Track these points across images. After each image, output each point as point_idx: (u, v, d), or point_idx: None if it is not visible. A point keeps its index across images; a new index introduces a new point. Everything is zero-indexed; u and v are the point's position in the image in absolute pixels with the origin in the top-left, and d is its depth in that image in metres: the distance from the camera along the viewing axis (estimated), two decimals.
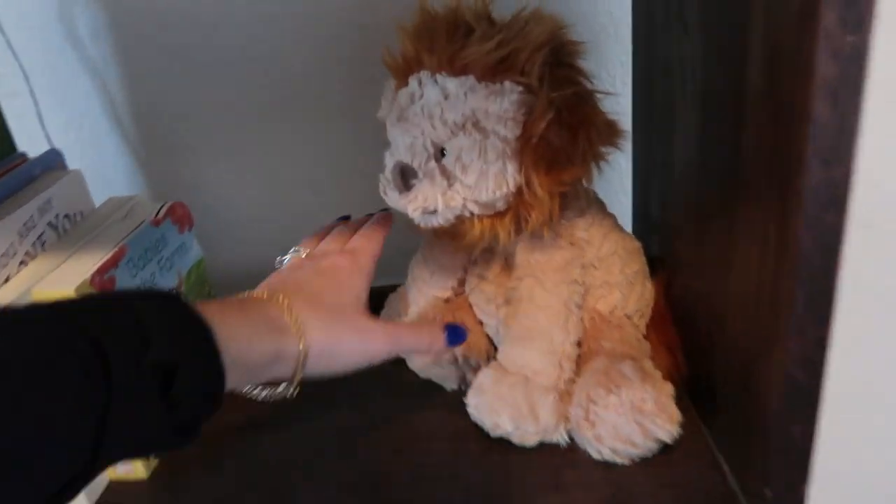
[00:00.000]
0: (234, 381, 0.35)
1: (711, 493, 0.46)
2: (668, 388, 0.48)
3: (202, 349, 0.33)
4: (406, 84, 0.48)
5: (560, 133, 0.44)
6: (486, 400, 0.49)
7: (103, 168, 0.76)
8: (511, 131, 0.45)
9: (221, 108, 0.73)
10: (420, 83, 0.47)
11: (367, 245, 0.48)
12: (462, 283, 0.58)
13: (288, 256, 0.49)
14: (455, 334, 0.49)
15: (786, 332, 0.37)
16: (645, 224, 0.66)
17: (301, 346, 0.39)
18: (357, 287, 0.45)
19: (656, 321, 0.56)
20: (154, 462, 0.54)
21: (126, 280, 0.52)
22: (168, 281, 0.58)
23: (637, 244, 0.56)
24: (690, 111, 0.49)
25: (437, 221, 0.48)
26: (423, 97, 0.47)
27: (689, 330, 0.54)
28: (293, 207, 0.78)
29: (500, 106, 0.44)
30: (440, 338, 0.48)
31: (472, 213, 0.47)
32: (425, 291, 0.59)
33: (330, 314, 0.42)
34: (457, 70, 0.45)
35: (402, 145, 0.47)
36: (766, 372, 0.40)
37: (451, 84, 0.45)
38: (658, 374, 0.49)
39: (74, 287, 0.47)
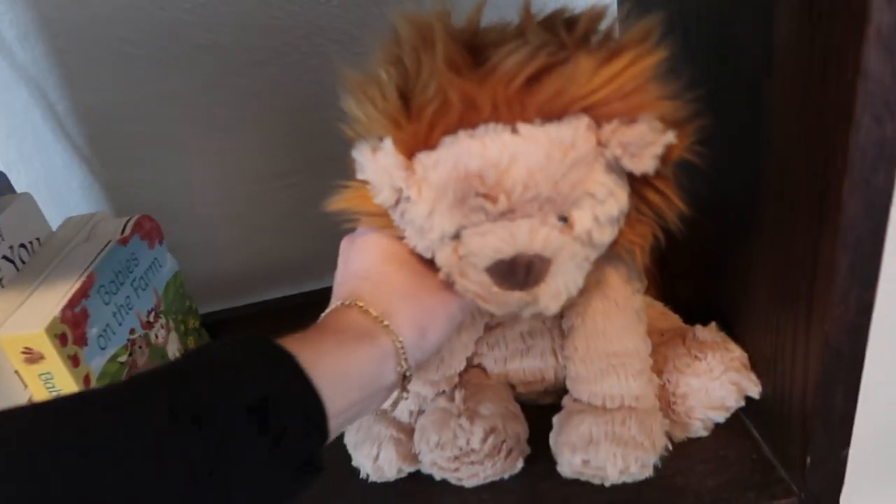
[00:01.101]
0: (342, 400, 0.34)
1: (746, 463, 0.45)
2: (739, 349, 0.47)
3: (289, 375, 0.32)
4: (425, 146, 0.35)
5: None
6: (605, 449, 0.42)
7: (55, 185, 0.70)
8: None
9: (175, 104, 0.67)
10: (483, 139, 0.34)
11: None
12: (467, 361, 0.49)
13: None
14: None
15: (829, 298, 0.35)
16: None
17: (395, 339, 0.37)
18: (403, 253, 0.41)
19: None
20: None
21: (99, 309, 0.48)
22: (145, 302, 0.54)
23: None
24: (695, 67, 0.45)
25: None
26: (509, 163, 0.34)
27: (703, 295, 0.52)
28: (267, 202, 0.73)
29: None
30: None
31: None
32: (426, 393, 0.48)
33: (401, 290, 0.39)
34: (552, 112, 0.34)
35: (510, 234, 0.36)
36: (805, 339, 0.39)
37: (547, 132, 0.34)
38: (727, 336, 0.47)
39: (44, 327, 0.42)
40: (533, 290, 0.36)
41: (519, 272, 0.35)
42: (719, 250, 0.48)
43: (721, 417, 0.46)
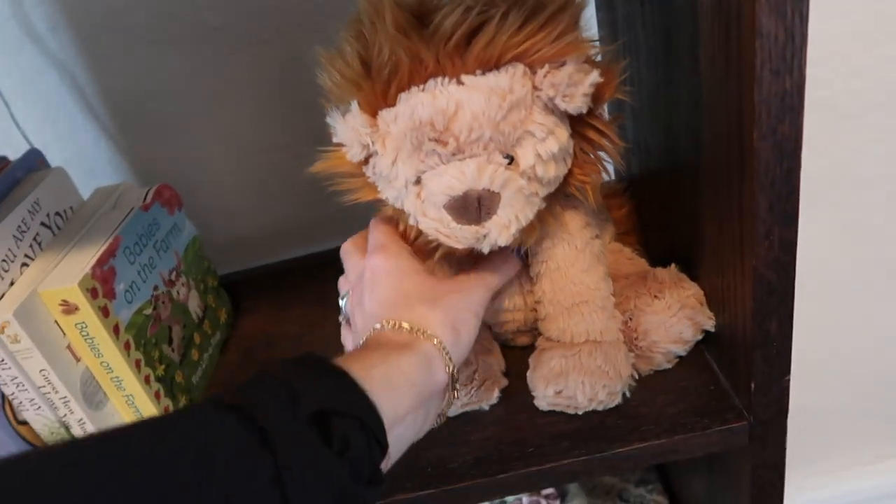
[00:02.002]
0: (398, 407, 0.35)
1: (704, 393, 0.49)
2: (695, 287, 0.50)
3: (344, 387, 0.33)
4: (385, 104, 0.40)
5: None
6: (573, 379, 0.47)
7: (84, 160, 0.76)
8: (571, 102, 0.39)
9: (191, 83, 0.73)
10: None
11: (378, 234, 0.47)
12: None
13: (343, 301, 0.50)
14: (517, 252, 0.49)
15: (754, 236, 0.39)
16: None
17: (435, 342, 0.39)
18: (411, 266, 0.45)
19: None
20: None
21: (125, 267, 0.54)
22: (167, 263, 0.60)
23: None
24: (651, 31, 0.49)
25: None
26: (455, 110, 0.39)
27: (668, 241, 0.56)
28: (277, 170, 0.79)
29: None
30: (514, 261, 0.49)
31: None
32: None
33: (425, 300, 0.42)
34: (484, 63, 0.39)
35: (460, 172, 0.40)
36: (742, 276, 0.43)
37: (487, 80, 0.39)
38: (684, 276, 0.51)
39: (77, 282, 0.49)
40: (486, 223, 0.41)
41: (471, 206, 0.40)
42: (677, 202, 0.52)
43: (681, 350, 0.50)
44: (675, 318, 0.49)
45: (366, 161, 0.43)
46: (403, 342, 0.39)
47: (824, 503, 1.06)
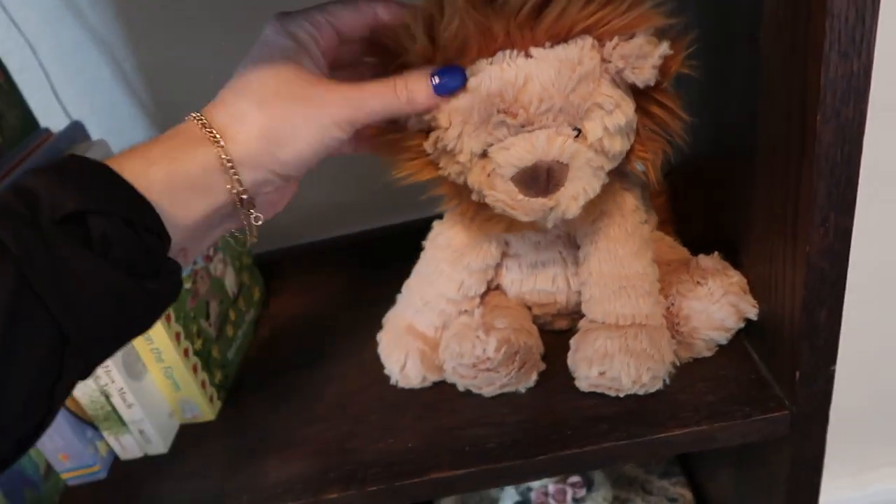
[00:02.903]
0: (182, 210, 0.33)
1: (745, 381, 0.49)
2: (739, 274, 0.50)
3: (105, 185, 0.31)
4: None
5: None
6: (618, 360, 0.47)
7: (122, 135, 0.77)
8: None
9: (228, 59, 0.73)
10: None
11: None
12: (487, 284, 0.53)
13: None
14: (450, 77, 0.39)
15: (810, 223, 0.39)
16: None
17: (223, 155, 0.34)
18: (287, 54, 0.37)
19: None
20: (219, 403, 0.58)
21: None
22: None
23: None
24: (705, 12, 0.49)
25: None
26: (524, 82, 0.38)
27: (710, 230, 0.56)
28: None
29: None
30: (422, 86, 0.39)
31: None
32: (449, 310, 0.53)
33: (260, 97, 0.36)
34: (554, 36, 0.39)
35: (530, 143, 0.40)
36: (792, 263, 0.42)
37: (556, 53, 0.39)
38: (727, 263, 0.51)
39: None
40: (554, 194, 0.41)
41: (541, 178, 0.40)
42: (724, 187, 0.52)
43: (722, 338, 0.50)
44: (718, 304, 0.48)
45: (426, 137, 0.43)
46: (193, 138, 0.35)
47: None
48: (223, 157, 0.34)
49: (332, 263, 0.75)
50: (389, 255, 0.63)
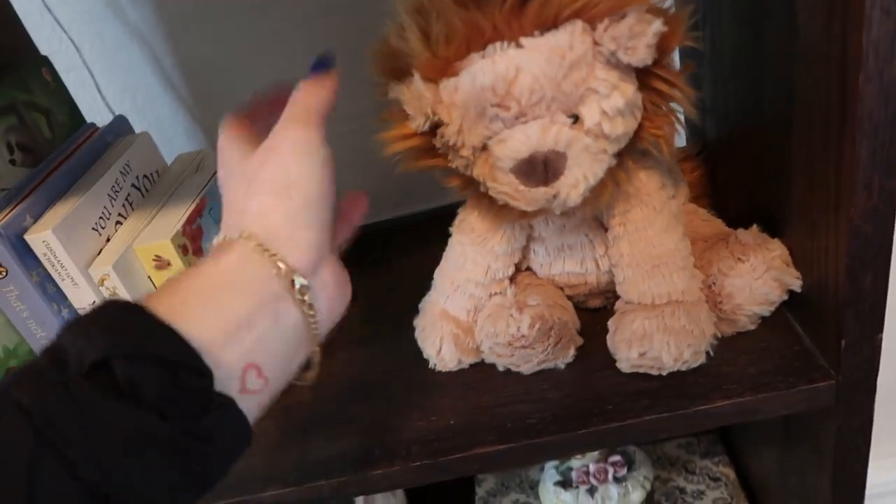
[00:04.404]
0: (216, 324, 0.31)
1: (788, 353, 0.48)
2: (781, 246, 0.49)
3: (132, 325, 0.29)
4: (446, 74, 0.40)
5: None
6: (658, 340, 0.47)
7: (162, 131, 0.79)
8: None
9: (263, 55, 0.75)
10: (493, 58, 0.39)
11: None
12: (515, 267, 0.54)
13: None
14: (320, 64, 0.43)
15: (853, 186, 0.38)
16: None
17: (283, 265, 0.34)
18: (232, 155, 0.39)
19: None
20: None
21: (210, 226, 0.56)
22: None
23: None
24: None
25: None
26: (515, 73, 0.38)
27: (748, 203, 0.55)
28: (347, 141, 0.80)
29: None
30: (328, 75, 0.42)
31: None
32: (479, 294, 0.53)
33: (238, 197, 0.37)
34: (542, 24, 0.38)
35: (524, 135, 0.40)
36: (835, 229, 0.42)
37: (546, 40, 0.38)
38: (767, 236, 0.50)
39: (170, 237, 0.51)
40: (554, 183, 0.41)
41: (538, 168, 0.40)
42: (761, 158, 0.51)
43: (766, 311, 0.49)
44: (761, 280, 0.48)
45: (433, 132, 0.43)
46: (219, 250, 0.34)
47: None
48: (245, 241, 0.34)
49: (362, 251, 0.76)
50: (423, 240, 0.64)
